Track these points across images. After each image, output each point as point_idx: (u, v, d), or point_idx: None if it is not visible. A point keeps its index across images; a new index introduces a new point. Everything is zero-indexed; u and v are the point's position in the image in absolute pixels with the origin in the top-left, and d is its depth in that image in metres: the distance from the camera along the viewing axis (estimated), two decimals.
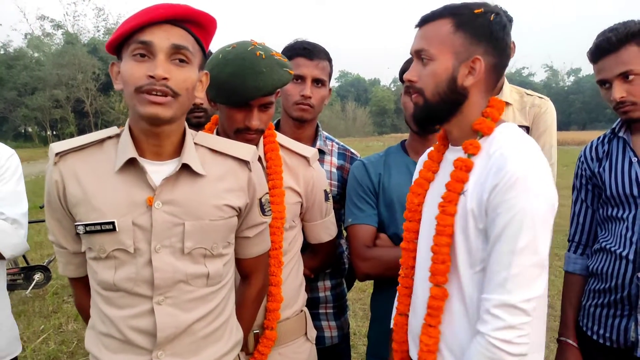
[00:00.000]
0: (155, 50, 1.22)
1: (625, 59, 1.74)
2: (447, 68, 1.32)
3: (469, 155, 1.34)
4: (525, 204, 1.20)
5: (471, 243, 1.31)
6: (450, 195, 1.33)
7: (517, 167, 1.22)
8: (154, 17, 1.22)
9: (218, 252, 1.39)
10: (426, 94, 1.35)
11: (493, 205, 1.24)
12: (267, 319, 1.69)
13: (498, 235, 1.23)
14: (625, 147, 1.86)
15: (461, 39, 1.32)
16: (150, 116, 1.23)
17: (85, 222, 1.31)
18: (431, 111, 1.37)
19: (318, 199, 1.82)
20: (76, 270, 1.46)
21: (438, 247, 1.33)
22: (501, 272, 1.22)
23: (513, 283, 1.21)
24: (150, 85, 1.21)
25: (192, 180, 1.34)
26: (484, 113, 1.37)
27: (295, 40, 2.11)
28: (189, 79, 1.27)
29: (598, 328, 1.85)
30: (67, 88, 40.45)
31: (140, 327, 1.32)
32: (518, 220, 1.20)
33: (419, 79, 1.35)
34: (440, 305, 1.34)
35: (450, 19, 1.32)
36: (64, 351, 4.25)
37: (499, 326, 1.21)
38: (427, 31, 1.35)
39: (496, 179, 1.23)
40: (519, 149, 1.27)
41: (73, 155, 1.35)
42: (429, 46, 1.33)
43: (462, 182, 1.32)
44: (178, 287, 1.33)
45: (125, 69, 1.23)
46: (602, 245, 1.86)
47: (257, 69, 1.55)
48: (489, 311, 1.22)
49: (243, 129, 1.63)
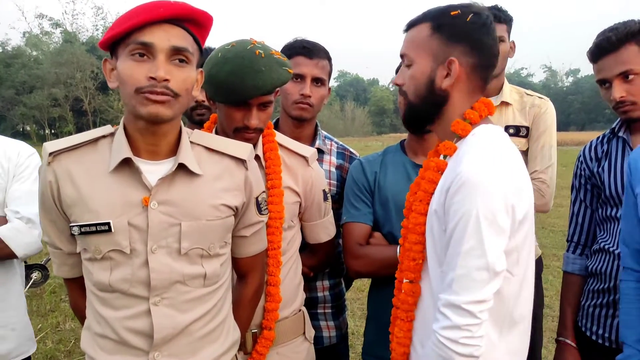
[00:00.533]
0: (156, 52, 1.21)
1: (625, 59, 1.74)
2: (425, 71, 1.36)
3: (443, 156, 1.37)
4: (471, 207, 1.19)
5: (436, 243, 1.32)
6: (421, 195, 1.37)
7: (467, 169, 1.21)
8: (154, 16, 1.20)
9: (215, 252, 1.38)
10: (409, 96, 1.40)
11: (446, 207, 1.25)
12: (265, 318, 1.68)
13: (449, 237, 1.24)
14: (624, 147, 1.86)
15: (437, 42, 1.34)
16: (151, 116, 1.22)
17: (80, 223, 1.30)
18: (415, 113, 1.42)
19: (317, 199, 1.82)
20: (71, 271, 1.45)
21: (409, 244, 1.38)
22: (449, 273, 1.23)
23: (458, 284, 1.21)
24: (151, 87, 1.20)
25: (188, 180, 1.33)
26: (464, 114, 1.37)
27: (294, 39, 2.10)
28: (189, 79, 1.26)
29: (597, 328, 1.85)
30: (65, 87, 40.35)
31: (136, 328, 1.31)
32: (463, 222, 1.19)
33: (403, 82, 1.41)
34: (412, 301, 1.38)
35: (429, 23, 1.37)
36: (61, 350, 4.24)
37: (445, 325, 1.22)
38: (409, 36, 1.40)
39: (449, 181, 1.25)
40: (477, 151, 1.26)
41: (67, 155, 1.33)
42: (409, 51, 1.39)
43: (433, 182, 1.35)
44: (175, 288, 1.32)
45: (124, 69, 1.22)
46: (601, 246, 1.86)
47: (256, 68, 1.54)
48: (439, 310, 1.24)
49: (242, 128, 1.62)
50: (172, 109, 1.24)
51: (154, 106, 1.21)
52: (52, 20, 48.62)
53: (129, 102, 1.24)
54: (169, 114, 1.24)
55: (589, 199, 1.97)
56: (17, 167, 1.93)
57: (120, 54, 1.24)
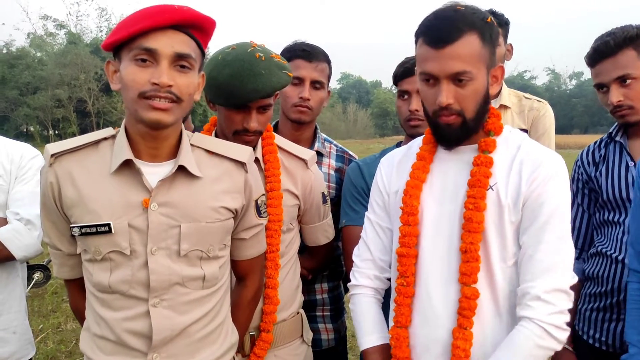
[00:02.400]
0: (159, 57, 1.22)
1: (622, 63, 1.75)
2: (484, 83, 1.35)
3: (485, 152, 1.38)
4: (562, 195, 1.32)
5: (506, 237, 1.33)
6: (479, 192, 1.34)
7: (554, 162, 1.33)
8: (159, 22, 1.21)
9: (214, 255, 1.39)
10: (467, 114, 1.34)
11: (534, 196, 1.31)
12: (263, 321, 1.69)
13: (544, 222, 1.29)
14: (621, 151, 1.86)
15: (487, 51, 1.34)
16: (152, 122, 1.24)
17: (81, 224, 1.31)
18: (468, 129, 1.37)
19: (316, 202, 1.83)
20: (71, 272, 1.46)
21: (469, 245, 1.33)
22: (548, 258, 1.28)
23: (560, 268, 1.28)
24: (154, 92, 1.22)
25: (188, 182, 1.34)
26: (494, 114, 1.42)
27: (294, 41, 2.12)
28: (192, 85, 1.28)
29: (594, 332, 1.85)
30: (69, 88, 40.37)
31: (135, 329, 1.32)
32: (560, 210, 1.30)
33: (456, 101, 1.32)
34: (473, 306, 1.32)
35: (474, 32, 1.30)
36: (62, 350, 4.25)
37: (551, 311, 1.25)
38: (459, 51, 1.29)
39: (536, 172, 1.31)
40: (544, 148, 1.39)
41: (68, 157, 1.35)
42: (470, 67, 1.30)
43: (487, 177, 1.35)
44: (174, 290, 1.33)
45: (127, 73, 1.23)
46: (598, 249, 1.87)
47: (256, 71, 1.56)
48: (540, 297, 1.25)
49: (241, 131, 1.63)
50: (174, 114, 1.26)
51: (156, 113, 1.23)
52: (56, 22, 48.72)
53: (131, 106, 1.25)
54: (171, 121, 1.26)
55: (586, 203, 1.98)
56: (20, 169, 1.94)
57: (124, 58, 1.25)
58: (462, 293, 1.33)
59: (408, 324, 1.44)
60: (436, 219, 1.42)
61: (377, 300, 1.57)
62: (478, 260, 1.33)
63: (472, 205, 1.33)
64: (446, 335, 1.36)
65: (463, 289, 1.33)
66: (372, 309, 1.55)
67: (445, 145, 1.43)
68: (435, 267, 1.41)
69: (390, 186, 1.54)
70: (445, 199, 1.41)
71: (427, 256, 1.42)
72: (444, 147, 1.45)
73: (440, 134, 1.40)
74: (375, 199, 1.58)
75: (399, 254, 1.44)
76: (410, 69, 1.89)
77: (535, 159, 1.33)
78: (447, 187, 1.42)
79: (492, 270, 1.34)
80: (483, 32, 1.32)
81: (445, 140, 1.41)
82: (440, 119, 1.35)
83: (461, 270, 1.34)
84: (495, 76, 1.39)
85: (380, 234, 1.55)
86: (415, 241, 1.43)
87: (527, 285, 1.28)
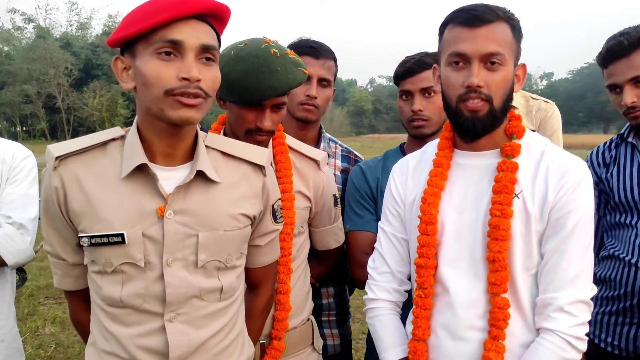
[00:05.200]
0: (185, 50, 1.12)
1: (637, 64, 1.73)
2: (512, 74, 1.32)
3: (508, 157, 1.32)
4: (588, 203, 1.29)
5: (532, 246, 1.29)
6: (505, 198, 1.28)
7: (580, 169, 1.30)
8: (183, 12, 1.11)
9: (232, 264, 1.30)
10: (495, 101, 1.28)
11: (560, 204, 1.26)
12: (274, 328, 1.62)
13: (570, 232, 1.25)
14: (633, 153, 1.85)
15: (516, 44, 1.32)
16: (182, 120, 1.14)
17: (91, 234, 1.20)
18: (494, 119, 1.30)
19: (327, 204, 1.76)
20: (75, 283, 1.34)
21: (497, 254, 1.27)
22: (572, 269, 1.24)
23: (583, 279, 1.25)
24: (185, 88, 1.12)
25: (205, 188, 1.25)
26: (516, 117, 1.37)
27: (299, 38, 2.05)
28: (217, 79, 1.19)
29: (606, 336, 1.83)
30: (38, 83, 39.59)
31: (149, 346, 1.22)
32: (586, 218, 1.27)
33: (485, 85, 1.27)
34: (506, 316, 1.27)
35: (507, 22, 1.29)
36: (41, 356, 4.08)
37: (574, 323, 1.23)
38: (495, 32, 1.26)
39: (563, 179, 1.27)
40: (568, 153, 1.35)
41: (74, 159, 1.23)
42: (503, 50, 1.26)
43: (513, 183, 1.30)
44: (190, 303, 1.24)
45: (150, 69, 1.12)
46: (610, 252, 1.85)
47: (272, 68, 1.48)
48: (563, 309, 1.23)
49: (254, 130, 1.56)
50: (202, 111, 1.16)
51: (186, 110, 1.13)
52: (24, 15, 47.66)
53: (156, 105, 1.14)
54: (199, 117, 1.16)
55: (596, 205, 1.96)
56: (12, 170, 1.83)
57: (141, 52, 1.14)
58: (494, 303, 1.28)
59: (426, 336, 1.38)
60: (457, 228, 1.36)
61: (397, 314, 1.51)
62: (507, 269, 1.28)
63: (498, 212, 1.28)
64: (475, 347, 1.31)
65: (494, 299, 1.28)
66: (392, 323, 1.49)
67: (467, 137, 1.35)
68: (458, 278, 1.35)
69: (406, 195, 1.47)
70: (467, 206, 1.36)
71: (448, 267, 1.36)
72: (465, 140, 1.36)
73: (461, 124, 1.32)
74: (390, 209, 1.51)
75: (417, 264, 1.38)
76: (412, 68, 1.84)
77: (561, 165, 1.29)
78: (468, 195, 1.36)
79: (514, 279, 1.30)
80: (513, 25, 1.31)
81: (467, 131, 1.33)
82: (466, 103, 1.28)
83: (490, 280, 1.29)
84: (518, 75, 1.36)
85: (397, 245, 1.50)
86: (435, 251, 1.37)
87: (551, 296, 1.25)
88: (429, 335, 1.38)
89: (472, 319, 1.32)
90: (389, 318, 1.49)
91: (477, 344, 1.31)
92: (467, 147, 1.39)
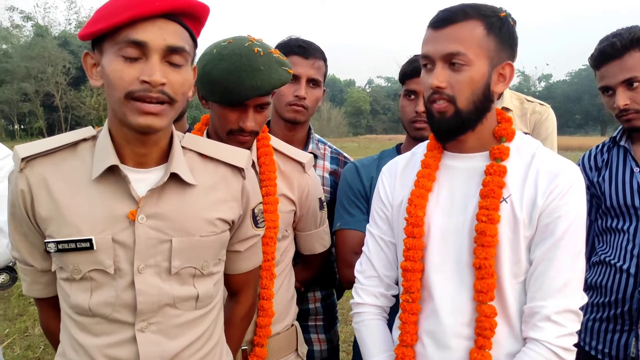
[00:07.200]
0: (149, 51, 1.06)
1: (629, 65, 1.70)
2: (484, 74, 1.26)
3: (497, 160, 1.28)
4: (579, 208, 1.25)
5: (520, 252, 1.25)
6: (492, 203, 1.24)
7: (571, 173, 1.25)
8: (148, 11, 1.05)
9: (208, 271, 1.25)
10: (459, 102, 1.25)
11: (550, 209, 1.22)
12: (257, 335, 1.58)
13: (559, 238, 1.22)
14: (626, 156, 1.82)
15: (493, 43, 1.26)
16: (142, 128, 1.09)
17: (57, 239, 1.14)
18: (462, 120, 1.27)
19: (312, 208, 1.72)
20: (44, 290, 1.29)
21: (483, 260, 1.23)
22: (560, 277, 1.21)
23: (572, 288, 1.21)
24: (145, 92, 1.06)
25: (180, 191, 1.20)
26: (506, 119, 1.33)
27: (289, 37, 2.01)
28: (186, 82, 1.13)
29: (596, 343, 1.80)
30: (36, 81, 39.58)
31: (119, 357, 1.17)
32: (576, 224, 1.23)
33: (448, 85, 1.25)
34: (492, 325, 1.24)
35: (480, 20, 1.25)
36: (30, 357, 4.04)
37: (561, 333, 1.19)
38: (458, 32, 1.23)
39: (553, 184, 1.23)
40: (559, 157, 1.31)
41: (42, 161, 1.17)
42: (466, 50, 1.23)
43: (501, 187, 1.26)
44: (163, 312, 1.18)
45: (112, 70, 1.06)
46: (602, 258, 1.82)
47: (255, 67, 1.44)
48: (550, 318, 1.19)
49: (236, 130, 1.52)
50: (166, 118, 1.10)
51: (146, 118, 1.07)
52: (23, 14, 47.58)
53: (118, 109, 1.09)
54: (163, 125, 1.10)
55: (587, 209, 1.92)
56: None
57: (107, 50, 1.08)
58: (480, 312, 1.24)
59: (414, 342, 1.35)
60: (443, 232, 1.32)
61: (383, 319, 1.48)
62: (493, 277, 1.24)
63: (485, 217, 1.24)
64: (461, 356, 1.27)
65: (480, 308, 1.24)
66: (379, 329, 1.45)
67: (440, 139, 1.35)
68: (443, 284, 1.31)
69: (394, 197, 1.44)
70: (454, 210, 1.32)
71: (434, 272, 1.33)
72: (441, 142, 1.36)
73: (432, 125, 1.32)
74: (377, 211, 1.47)
75: (404, 268, 1.35)
76: (420, 67, 1.80)
77: (551, 169, 1.25)
78: (455, 197, 1.33)
79: (502, 287, 1.26)
80: (490, 22, 1.25)
81: (438, 133, 1.32)
82: (433, 104, 1.28)
83: (476, 288, 1.25)
84: (503, 74, 1.29)
85: (384, 248, 1.46)
86: (421, 254, 1.34)
87: (538, 305, 1.22)
88: (417, 341, 1.35)
89: (457, 327, 1.28)
90: (375, 324, 1.45)
91: (462, 352, 1.27)
92: (455, 149, 1.35)
